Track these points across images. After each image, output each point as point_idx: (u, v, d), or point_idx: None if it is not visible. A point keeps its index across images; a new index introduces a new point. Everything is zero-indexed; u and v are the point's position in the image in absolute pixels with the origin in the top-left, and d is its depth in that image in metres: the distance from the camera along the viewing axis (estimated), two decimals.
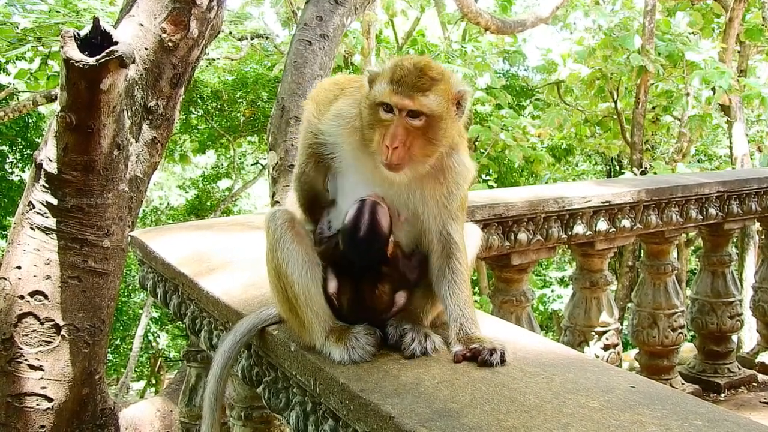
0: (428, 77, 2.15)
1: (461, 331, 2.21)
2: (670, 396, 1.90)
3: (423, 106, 2.12)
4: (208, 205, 21.27)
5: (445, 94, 2.17)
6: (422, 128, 2.14)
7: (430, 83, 2.14)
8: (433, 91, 2.14)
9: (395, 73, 2.15)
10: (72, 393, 5.24)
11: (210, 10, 5.65)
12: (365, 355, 2.16)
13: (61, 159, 4.90)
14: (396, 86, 2.12)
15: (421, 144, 2.15)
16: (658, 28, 14.73)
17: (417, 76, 2.14)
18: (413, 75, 2.14)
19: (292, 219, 2.34)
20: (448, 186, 2.27)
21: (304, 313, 2.26)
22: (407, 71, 2.15)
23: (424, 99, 2.12)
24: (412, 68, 2.15)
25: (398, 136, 2.11)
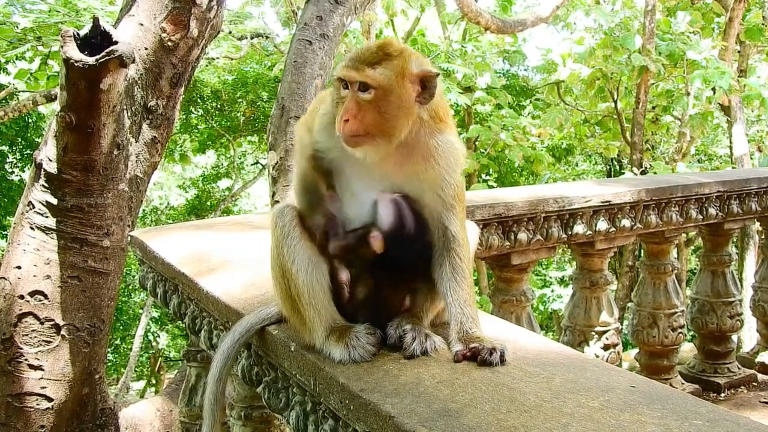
0: (382, 52, 2.17)
1: (461, 330, 2.20)
2: (670, 396, 1.90)
3: (369, 78, 2.13)
4: (208, 205, 21.27)
5: (398, 69, 2.16)
6: (373, 102, 2.14)
7: (381, 57, 2.16)
8: (383, 65, 2.15)
9: (353, 51, 2.22)
10: (72, 393, 5.24)
11: (210, 9, 5.65)
12: (366, 355, 2.16)
13: (61, 159, 4.90)
14: (348, 60, 2.18)
15: (374, 117, 2.15)
16: (659, 27, 14.74)
17: (371, 51, 2.18)
18: (368, 51, 2.19)
19: (300, 216, 2.33)
20: (439, 168, 2.25)
21: (306, 311, 2.26)
22: (364, 48, 2.21)
23: (371, 71, 2.13)
24: (370, 45, 2.21)
25: (349, 109, 2.14)
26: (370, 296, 2.31)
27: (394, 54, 2.18)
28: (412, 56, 2.21)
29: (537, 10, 14.06)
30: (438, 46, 17.31)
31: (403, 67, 2.17)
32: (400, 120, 2.17)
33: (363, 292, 2.31)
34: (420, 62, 2.21)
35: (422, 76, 2.20)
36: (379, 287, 2.30)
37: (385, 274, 2.28)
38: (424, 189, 2.26)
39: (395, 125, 2.16)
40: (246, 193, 25.30)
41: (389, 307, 2.32)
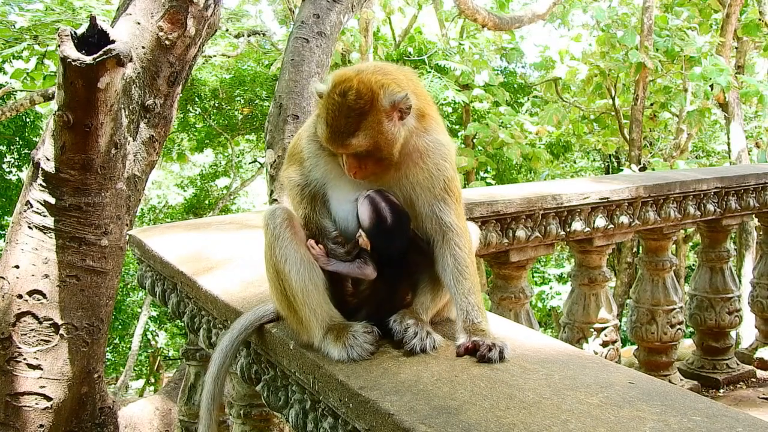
0: (355, 114, 2.18)
1: (467, 320, 2.23)
2: (669, 392, 1.90)
3: (358, 147, 2.19)
4: (206, 204, 21.26)
5: (375, 122, 2.19)
6: (369, 153, 2.21)
7: (357, 121, 2.18)
8: (363, 128, 2.18)
9: (328, 113, 2.21)
10: (71, 392, 5.24)
11: (207, 8, 5.64)
12: (363, 353, 2.16)
13: (59, 158, 4.89)
14: (330, 132, 2.21)
15: (375, 161, 2.24)
16: (656, 24, 14.73)
17: (345, 116, 2.18)
18: (341, 115, 2.19)
19: (291, 217, 2.34)
20: (428, 168, 2.30)
21: (302, 311, 2.26)
22: (336, 110, 2.19)
23: (355, 141, 2.18)
24: (339, 106, 2.19)
25: (352, 166, 2.24)
26: (373, 292, 2.32)
27: (366, 108, 2.19)
28: (380, 93, 2.20)
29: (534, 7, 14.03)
30: (435, 44, 17.30)
31: (379, 115, 2.20)
32: (395, 147, 2.24)
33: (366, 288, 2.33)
34: (389, 93, 2.21)
35: (396, 106, 2.22)
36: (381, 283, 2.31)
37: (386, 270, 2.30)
38: (415, 188, 2.31)
39: (392, 153, 2.24)
40: (244, 192, 25.29)
41: (393, 302, 2.33)
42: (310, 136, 2.39)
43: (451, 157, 2.34)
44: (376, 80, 2.22)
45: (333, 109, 2.20)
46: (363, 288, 2.33)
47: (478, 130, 15.60)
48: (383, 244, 2.27)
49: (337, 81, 2.22)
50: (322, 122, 2.23)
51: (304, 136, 2.43)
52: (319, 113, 2.26)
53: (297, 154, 2.44)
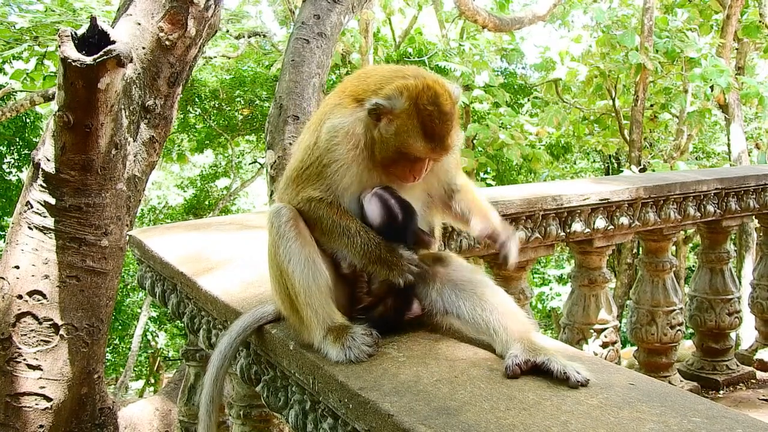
0: (451, 117, 2.24)
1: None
2: (669, 393, 1.90)
3: (453, 146, 2.29)
4: (206, 204, 21.26)
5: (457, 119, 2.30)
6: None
7: (453, 121, 2.25)
8: (455, 125, 2.27)
9: (426, 125, 2.20)
10: (71, 392, 5.24)
11: (207, 8, 5.65)
12: (361, 355, 2.16)
13: (59, 158, 4.89)
14: (432, 142, 2.22)
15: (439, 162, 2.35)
16: (656, 25, 14.73)
17: (444, 121, 2.22)
18: (442, 122, 2.21)
19: (296, 217, 2.33)
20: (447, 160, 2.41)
21: (303, 310, 2.26)
22: (436, 120, 2.21)
23: (452, 141, 2.27)
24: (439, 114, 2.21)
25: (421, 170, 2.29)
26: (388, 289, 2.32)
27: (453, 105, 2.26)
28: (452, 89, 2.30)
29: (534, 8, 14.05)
30: (436, 45, 17.30)
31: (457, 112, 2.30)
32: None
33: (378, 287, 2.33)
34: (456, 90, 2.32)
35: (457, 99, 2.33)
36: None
37: None
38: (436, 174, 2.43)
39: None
40: (244, 192, 25.29)
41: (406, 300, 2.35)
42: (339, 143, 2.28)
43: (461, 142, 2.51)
44: (440, 81, 2.29)
45: (431, 119, 2.20)
46: (375, 286, 2.33)
47: (478, 131, 15.60)
48: (394, 240, 2.28)
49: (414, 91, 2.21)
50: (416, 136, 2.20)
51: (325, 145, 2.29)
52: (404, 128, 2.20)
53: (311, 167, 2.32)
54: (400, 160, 2.25)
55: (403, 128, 2.20)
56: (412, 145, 2.21)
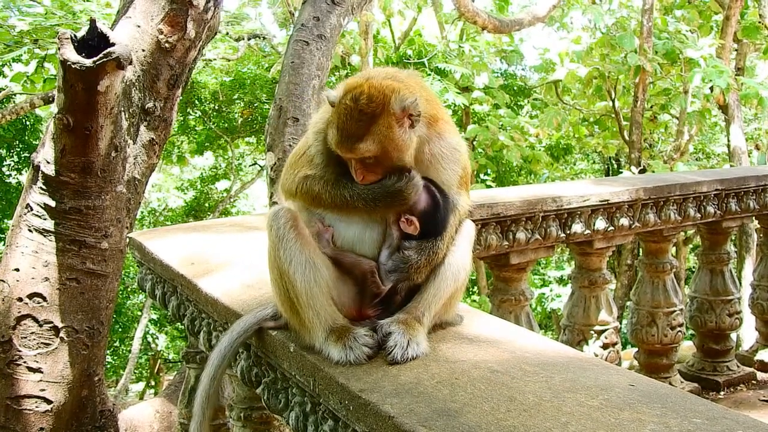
0: (366, 117, 2.21)
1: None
2: (670, 394, 1.90)
3: (364, 152, 2.22)
4: (206, 207, 21.25)
5: (385, 127, 2.22)
6: (377, 159, 2.25)
7: (366, 125, 2.21)
8: (371, 132, 2.21)
9: (339, 118, 2.24)
10: (71, 395, 5.23)
11: (207, 11, 5.65)
12: (362, 357, 2.16)
13: (59, 161, 4.89)
14: (339, 137, 2.23)
15: (385, 166, 2.28)
16: (656, 26, 14.73)
17: (355, 120, 2.21)
18: (351, 120, 2.21)
19: (295, 218, 2.33)
20: (446, 172, 2.40)
21: (305, 312, 2.26)
22: (347, 115, 2.22)
23: (363, 146, 2.21)
24: (350, 110, 2.22)
25: (359, 171, 2.27)
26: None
27: (377, 112, 2.22)
28: (391, 98, 2.24)
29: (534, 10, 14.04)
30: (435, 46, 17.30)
31: (389, 121, 2.23)
32: (405, 154, 2.28)
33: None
34: (400, 98, 2.24)
35: (406, 111, 2.25)
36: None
37: None
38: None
39: (402, 159, 2.29)
40: (244, 194, 25.26)
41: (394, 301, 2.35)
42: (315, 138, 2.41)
43: (465, 158, 2.46)
44: (387, 85, 2.26)
45: (344, 114, 2.22)
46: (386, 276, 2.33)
47: (478, 132, 15.60)
48: (431, 230, 2.33)
49: (348, 87, 2.27)
50: (332, 127, 2.25)
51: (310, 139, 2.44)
52: (331, 119, 2.28)
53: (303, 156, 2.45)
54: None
55: (331, 118, 2.28)
56: (329, 135, 2.28)
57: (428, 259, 2.31)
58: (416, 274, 2.30)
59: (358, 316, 2.34)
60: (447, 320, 2.46)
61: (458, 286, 2.40)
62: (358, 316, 2.34)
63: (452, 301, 2.42)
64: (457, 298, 2.46)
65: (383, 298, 2.33)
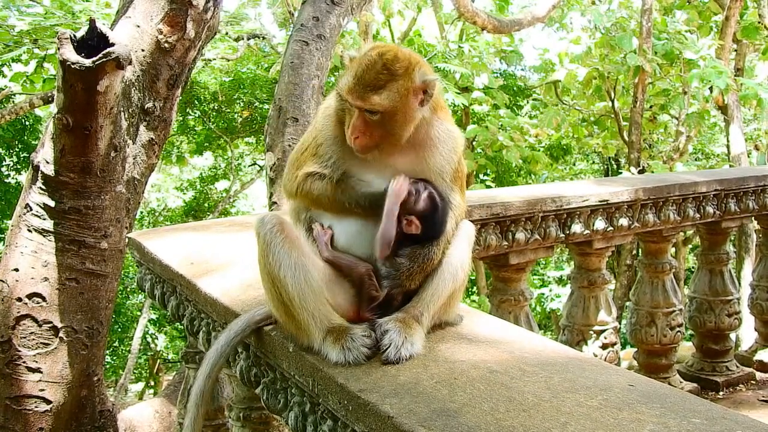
0: (387, 73, 2.23)
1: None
2: (669, 394, 1.90)
3: (375, 105, 2.22)
4: (205, 207, 21.24)
5: (402, 90, 2.24)
6: (381, 120, 2.25)
7: (386, 80, 2.23)
8: (388, 88, 2.22)
9: (359, 66, 2.25)
10: (70, 395, 5.23)
11: (206, 11, 5.65)
12: (360, 357, 2.15)
13: (58, 161, 4.89)
14: (354, 83, 2.23)
15: (382, 132, 2.27)
16: (655, 26, 14.74)
17: (376, 71, 2.23)
18: (372, 71, 2.23)
19: (282, 222, 2.33)
20: (443, 156, 2.40)
21: (299, 315, 2.25)
22: (368, 65, 2.24)
23: (376, 98, 2.22)
24: (374, 62, 2.24)
25: (357, 127, 2.25)
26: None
27: (399, 72, 2.24)
28: (416, 68, 2.28)
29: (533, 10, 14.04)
30: (435, 47, 17.30)
31: (408, 86, 2.25)
32: (406, 127, 2.29)
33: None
34: (423, 72, 2.28)
35: (425, 86, 2.29)
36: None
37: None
38: (431, 175, 2.39)
39: (402, 133, 2.29)
40: (244, 194, 25.26)
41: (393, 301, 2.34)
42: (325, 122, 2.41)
43: (460, 146, 2.47)
44: (414, 55, 2.32)
45: (366, 63, 2.24)
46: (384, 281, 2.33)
47: (477, 132, 15.60)
48: (431, 231, 2.33)
49: (375, 46, 2.29)
50: (349, 74, 2.26)
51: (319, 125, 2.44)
52: (348, 68, 2.28)
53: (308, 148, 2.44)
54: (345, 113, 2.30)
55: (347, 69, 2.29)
56: (340, 82, 2.27)
57: (421, 266, 2.31)
58: (409, 281, 2.30)
59: (357, 318, 2.33)
60: (447, 320, 2.45)
61: (457, 286, 2.39)
62: (356, 318, 2.33)
63: (451, 301, 2.42)
64: (457, 298, 2.45)
65: (381, 302, 2.32)
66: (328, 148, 2.39)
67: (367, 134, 2.26)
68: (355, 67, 2.25)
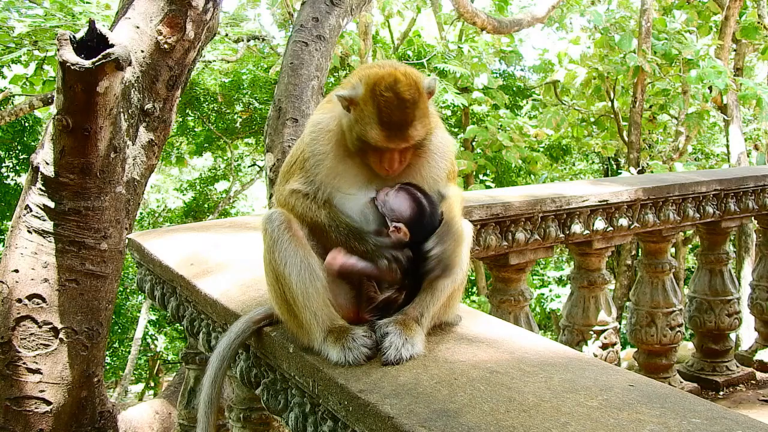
0: (410, 104, 2.20)
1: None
2: (669, 394, 1.90)
3: (417, 137, 2.24)
4: (205, 207, 21.23)
5: (424, 108, 2.25)
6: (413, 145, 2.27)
7: (412, 111, 2.21)
8: (416, 117, 2.22)
9: (382, 112, 2.19)
10: (71, 396, 5.23)
11: (206, 12, 5.65)
12: (360, 357, 2.15)
13: (58, 162, 4.89)
14: (388, 130, 2.19)
15: (413, 152, 2.30)
16: (655, 27, 14.75)
17: (402, 108, 2.19)
18: (399, 110, 2.19)
19: (289, 220, 2.33)
20: (437, 164, 2.41)
21: (302, 314, 2.26)
22: (392, 106, 2.18)
23: (414, 132, 2.22)
24: (395, 100, 2.18)
25: (395, 161, 2.26)
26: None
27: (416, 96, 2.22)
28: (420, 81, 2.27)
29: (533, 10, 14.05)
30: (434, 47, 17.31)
31: (424, 102, 2.26)
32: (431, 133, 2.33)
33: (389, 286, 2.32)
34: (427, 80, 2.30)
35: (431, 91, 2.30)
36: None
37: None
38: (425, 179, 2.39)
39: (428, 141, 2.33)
40: (243, 195, 25.27)
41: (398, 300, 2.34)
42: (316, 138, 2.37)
43: (453, 150, 2.49)
44: (410, 70, 2.29)
45: (386, 105, 2.18)
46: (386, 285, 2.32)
47: (477, 133, 15.62)
48: (421, 235, 2.29)
49: (373, 80, 2.22)
50: (372, 123, 2.20)
51: (306, 139, 2.40)
52: (362, 116, 2.22)
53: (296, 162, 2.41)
54: (368, 151, 2.26)
55: (362, 116, 2.22)
56: (369, 133, 2.20)
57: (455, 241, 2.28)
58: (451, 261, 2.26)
59: (356, 319, 2.33)
60: (446, 320, 2.45)
61: (456, 287, 2.39)
62: (356, 319, 2.33)
63: (451, 302, 2.42)
64: (456, 299, 2.45)
65: (382, 305, 2.32)
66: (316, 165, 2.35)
67: (402, 162, 2.28)
68: (375, 114, 2.19)
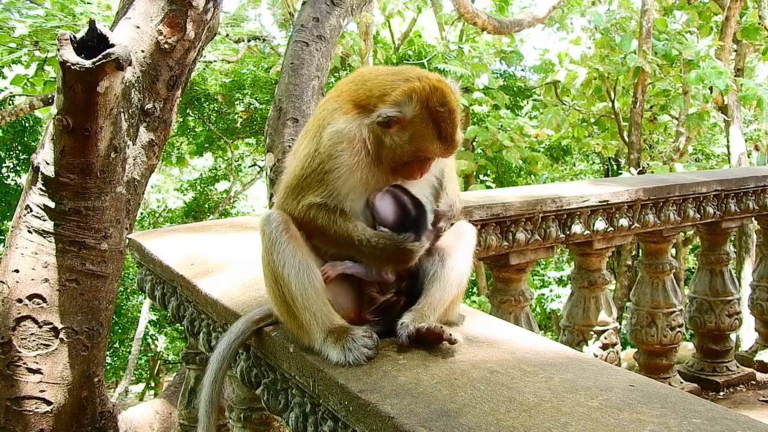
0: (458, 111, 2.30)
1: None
2: (669, 394, 1.90)
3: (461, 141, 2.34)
4: (205, 208, 21.24)
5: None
6: None
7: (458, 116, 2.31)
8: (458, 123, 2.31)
9: (440, 127, 2.24)
10: (71, 396, 5.23)
11: (206, 12, 5.65)
12: (361, 357, 2.15)
13: (59, 162, 4.89)
14: (447, 142, 2.27)
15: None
16: (655, 27, 14.74)
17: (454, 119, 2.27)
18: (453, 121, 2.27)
19: (287, 221, 2.32)
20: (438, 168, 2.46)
21: (302, 314, 2.26)
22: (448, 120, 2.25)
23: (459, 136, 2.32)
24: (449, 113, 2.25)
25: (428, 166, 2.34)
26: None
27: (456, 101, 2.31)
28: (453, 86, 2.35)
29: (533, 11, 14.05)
30: (435, 47, 17.32)
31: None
32: None
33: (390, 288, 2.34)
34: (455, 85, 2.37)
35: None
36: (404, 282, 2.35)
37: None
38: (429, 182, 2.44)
39: None
40: (244, 195, 25.29)
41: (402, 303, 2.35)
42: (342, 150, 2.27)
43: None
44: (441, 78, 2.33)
45: (444, 120, 2.24)
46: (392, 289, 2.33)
47: (477, 133, 15.62)
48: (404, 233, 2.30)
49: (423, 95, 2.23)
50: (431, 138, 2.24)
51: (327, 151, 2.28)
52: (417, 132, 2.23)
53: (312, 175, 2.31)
54: (411, 161, 2.28)
55: (419, 133, 2.23)
56: (428, 148, 2.26)
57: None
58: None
59: (358, 319, 2.33)
60: (449, 320, 2.46)
61: (461, 290, 2.42)
62: (357, 319, 2.33)
63: (453, 306, 2.44)
64: (459, 301, 2.49)
65: (384, 306, 2.32)
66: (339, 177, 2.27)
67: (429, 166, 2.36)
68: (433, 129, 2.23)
